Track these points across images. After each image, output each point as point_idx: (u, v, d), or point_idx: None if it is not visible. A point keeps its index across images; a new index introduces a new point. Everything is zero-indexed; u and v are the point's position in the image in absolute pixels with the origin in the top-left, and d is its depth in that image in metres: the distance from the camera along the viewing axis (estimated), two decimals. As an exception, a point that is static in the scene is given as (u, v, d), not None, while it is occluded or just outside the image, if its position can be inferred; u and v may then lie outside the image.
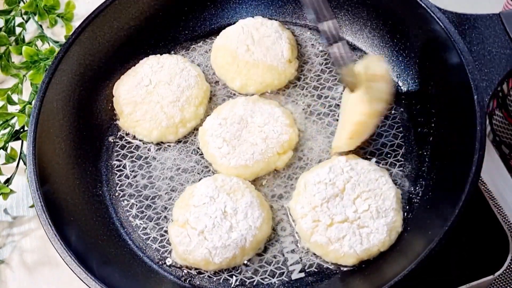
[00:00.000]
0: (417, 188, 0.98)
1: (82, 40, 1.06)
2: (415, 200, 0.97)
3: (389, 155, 1.01)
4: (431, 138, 1.00)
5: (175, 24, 1.16)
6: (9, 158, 1.09)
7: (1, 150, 1.09)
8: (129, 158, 1.06)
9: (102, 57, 1.09)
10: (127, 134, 1.08)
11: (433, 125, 1.00)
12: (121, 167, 1.05)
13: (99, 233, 0.97)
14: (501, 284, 0.99)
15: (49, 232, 0.88)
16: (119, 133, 1.08)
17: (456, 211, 0.84)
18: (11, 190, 1.07)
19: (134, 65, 1.11)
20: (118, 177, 1.04)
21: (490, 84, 0.93)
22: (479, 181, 1.03)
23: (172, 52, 1.15)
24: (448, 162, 0.95)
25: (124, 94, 1.07)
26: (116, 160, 1.06)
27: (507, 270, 0.99)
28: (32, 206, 1.08)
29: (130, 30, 1.12)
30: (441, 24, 0.97)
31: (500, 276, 0.96)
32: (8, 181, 1.08)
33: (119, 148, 1.07)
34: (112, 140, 1.07)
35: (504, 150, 1.09)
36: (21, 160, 1.10)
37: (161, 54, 1.12)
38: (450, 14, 0.98)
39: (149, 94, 1.07)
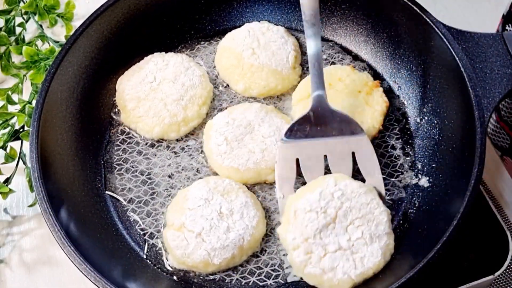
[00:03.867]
0: (414, 199, 0.99)
1: (89, 33, 1.06)
2: (412, 210, 0.99)
3: (387, 166, 1.03)
4: (430, 151, 1.02)
5: (181, 23, 1.16)
6: (8, 158, 1.08)
7: (1, 149, 1.09)
8: (129, 153, 1.06)
9: (108, 51, 1.10)
10: (129, 129, 1.08)
11: (433, 137, 1.02)
12: (121, 162, 1.05)
13: (97, 226, 0.97)
14: (501, 284, 1.00)
15: (50, 222, 0.88)
16: (120, 128, 1.08)
17: (454, 223, 0.86)
18: (10, 189, 1.06)
19: (139, 61, 1.11)
20: (117, 171, 1.04)
21: (491, 101, 0.95)
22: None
23: (177, 50, 1.16)
24: (447, 175, 0.97)
25: (128, 89, 1.07)
26: (116, 154, 1.06)
27: (507, 270, 1.00)
28: (31, 205, 1.07)
29: (136, 26, 1.12)
30: (446, 41, 0.99)
31: (500, 276, 0.96)
32: (7, 181, 1.07)
33: (119, 142, 1.07)
34: (113, 135, 1.08)
35: (496, 152, 1.11)
36: (20, 160, 1.10)
37: (166, 52, 1.13)
38: (454, 31, 1.00)
39: (153, 91, 1.07)
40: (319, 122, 0.97)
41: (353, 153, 0.97)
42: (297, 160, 0.97)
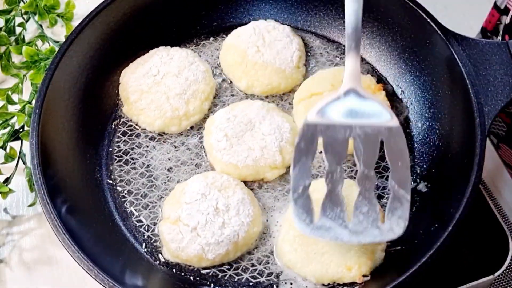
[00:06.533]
0: (412, 203, 0.99)
1: (95, 24, 1.06)
2: (410, 213, 0.98)
3: (386, 169, 1.03)
4: (430, 156, 1.02)
5: (187, 19, 1.17)
6: (8, 158, 1.08)
7: (1, 149, 1.09)
8: (129, 145, 1.06)
9: (113, 43, 1.10)
10: (130, 121, 1.08)
11: (433, 143, 1.02)
12: (121, 153, 1.05)
13: (94, 216, 0.98)
14: (501, 284, 1.00)
15: (47, 209, 0.89)
16: (122, 120, 1.09)
17: (449, 229, 0.86)
18: (10, 189, 1.07)
19: (143, 54, 1.12)
20: (117, 162, 1.05)
21: (493, 108, 0.94)
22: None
23: (182, 45, 1.16)
24: (445, 181, 0.97)
25: (131, 81, 1.08)
26: (117, 146, 1.06)
27: (507, 270, 1.00)
28: (31, 205, 1.08)
29: (142, 20, 1.13)
30: (450, 47, 0.99)
31: (500, 276, 0.96)
32: (7, 180, 1.08)
33: (121, 134, 1.07)
34: (114, 126, 1.08)
35: (492, 139, 1.11)
36: (20, 160, 1.10)
37: (171, 46, 1.13)
38: (459, 37, 1.00)
39: (156, 84, 1.07)
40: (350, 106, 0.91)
41: (381, 142, 0.89)
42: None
